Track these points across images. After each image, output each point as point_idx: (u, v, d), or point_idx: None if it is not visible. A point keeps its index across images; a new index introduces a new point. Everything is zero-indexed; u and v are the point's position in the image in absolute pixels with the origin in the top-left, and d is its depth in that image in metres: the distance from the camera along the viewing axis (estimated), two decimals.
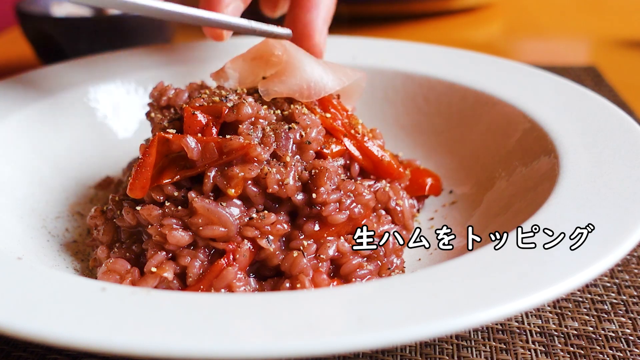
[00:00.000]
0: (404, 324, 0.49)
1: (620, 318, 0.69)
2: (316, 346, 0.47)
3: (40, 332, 0.49)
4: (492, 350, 0.64)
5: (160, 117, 0.78)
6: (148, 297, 0.53)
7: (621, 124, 0.79)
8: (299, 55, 0.76)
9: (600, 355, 0.64)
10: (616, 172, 0.69)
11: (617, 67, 1.41)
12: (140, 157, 0.69)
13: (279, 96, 0.75)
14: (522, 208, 0.72)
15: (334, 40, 1.16)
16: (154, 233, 0.67)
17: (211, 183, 0.68)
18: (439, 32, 1.75)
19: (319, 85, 0.75)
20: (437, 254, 0.77)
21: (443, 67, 1.03)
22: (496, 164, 0.86)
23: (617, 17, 1.88)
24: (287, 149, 0.70)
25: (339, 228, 0.71)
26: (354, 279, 0.69)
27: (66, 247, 0.78)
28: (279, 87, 0.74)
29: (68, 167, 0.92)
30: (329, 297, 0.55)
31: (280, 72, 0.75)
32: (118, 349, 0.47)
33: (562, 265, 0.55)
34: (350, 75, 0.80)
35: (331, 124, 0.76)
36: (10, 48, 1.66)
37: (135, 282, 0.67)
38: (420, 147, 0.98)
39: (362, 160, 0.77)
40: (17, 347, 0.65)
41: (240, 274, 0.66)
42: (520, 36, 1.76)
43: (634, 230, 0.59)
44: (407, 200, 0.78)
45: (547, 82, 0.94)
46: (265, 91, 0.74)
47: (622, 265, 0.77)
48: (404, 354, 0.64)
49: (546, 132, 0.80)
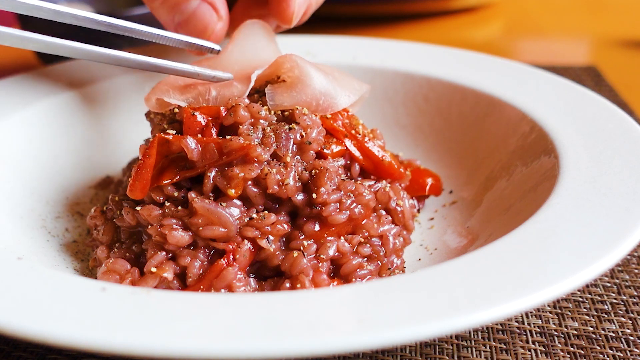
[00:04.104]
0: (404, 324, 0.49)
1: (620, 318, 0.69)
2: (316, 346, 0.47)
3: (40, 332, 0.49)
4: (492, 350, 0.64)
5: (160, 117, 0.78)
6: (148, 297, 0.53)
7: (621, 124, 0.79)
8: (309, 70, 0.76)
9: (600, 355, 0.64)
10: (616, 172, 0.69)
11: (617, 67, 1.41)
12: (140, 158, 0.69)
13: (286, 110, 0.75)
14: (522, 208, 0.72)
15: (334, 40, 1.16)
16: (154, 233, 0.67)
17: (211, 183, 0.68)
18: (439, 32, 1.75)
19: (327, 102, 0.76)
20: (437, 254, 0.77)
21: (443, 67, 1.03)
22: (496, 164, 0.86)
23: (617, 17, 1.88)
24: (287, 149, 0.70)
25: (339, 228, 0.71)
26: (354, 279, 0.69)
27: (66, 247, 0.78)
28: (287, 101, 0.74)
29: (68, 167, 0.92)
30: (329, 297, 0.55)
31: (289, 86, 0.75)
32: (118, 349, 0.47)
33: (562, 265, 0.55)
34: (358, 89, 0.81)
35: (331, 125, 0.76)
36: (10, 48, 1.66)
37: (135, 282, 0.67)
38: (421, 147, 0.98)
39: (362, 160, 0.77)
40: (17, 347, 0.65)
41: (240, 274, 0.66)
42: (520, 36, 1.76)
43: (634, 230, 0.59)
44: (408, 201, 0.78)
45: (547, 82, 0.94)
46: (273, 104, 0.74)
47: (622, 265, 0.77)
48: (404, 354, 0.64)
49: (546, 132, 0.80)
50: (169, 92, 0.76)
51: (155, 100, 0.77)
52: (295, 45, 0.97)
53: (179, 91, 0.76)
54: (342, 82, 0.79)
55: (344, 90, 0.78)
